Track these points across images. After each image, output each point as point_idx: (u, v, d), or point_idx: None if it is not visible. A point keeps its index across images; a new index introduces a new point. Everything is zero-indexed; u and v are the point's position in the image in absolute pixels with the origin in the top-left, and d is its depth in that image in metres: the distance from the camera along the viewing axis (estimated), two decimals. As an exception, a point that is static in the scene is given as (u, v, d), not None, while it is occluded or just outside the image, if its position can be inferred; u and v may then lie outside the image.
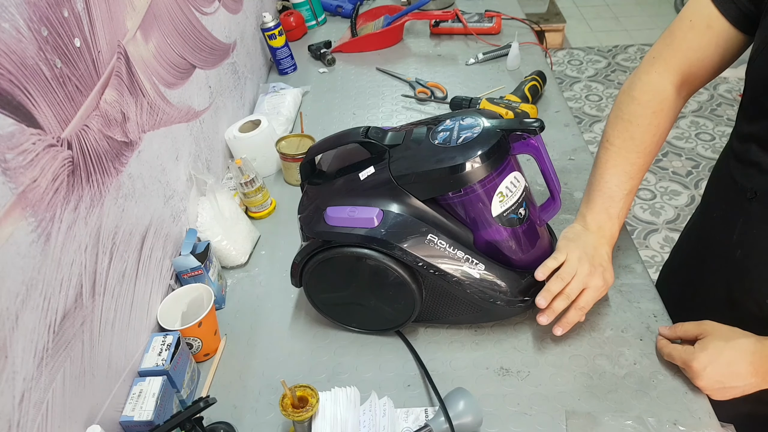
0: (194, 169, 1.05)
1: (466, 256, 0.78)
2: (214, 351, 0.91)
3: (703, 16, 0.77)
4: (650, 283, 0.90)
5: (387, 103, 1.43)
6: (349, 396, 0.75)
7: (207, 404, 0.71)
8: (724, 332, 0.73)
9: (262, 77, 1.59)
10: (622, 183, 0.83)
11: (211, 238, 1.00)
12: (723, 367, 0.71)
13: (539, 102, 1.34)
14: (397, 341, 0.88)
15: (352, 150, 0.85)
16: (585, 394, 0.78)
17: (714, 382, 0.72)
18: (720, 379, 0.72)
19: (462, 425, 0.72)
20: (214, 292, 0.92)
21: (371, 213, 0.77)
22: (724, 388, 0.72)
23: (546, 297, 0.78)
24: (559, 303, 0.79)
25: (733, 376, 0.71)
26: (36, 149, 0.62)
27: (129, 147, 0.82)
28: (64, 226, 0.66)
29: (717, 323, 0.75)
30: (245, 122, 1.23)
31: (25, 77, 0.60)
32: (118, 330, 0.78)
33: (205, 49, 1.16)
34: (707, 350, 0.72)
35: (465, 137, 0.76)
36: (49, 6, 0.65)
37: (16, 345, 0.58)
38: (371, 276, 0.80)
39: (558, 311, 0.79)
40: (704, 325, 0.75)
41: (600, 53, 3.34)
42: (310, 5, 1.77)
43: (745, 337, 0.72)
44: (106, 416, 0.73)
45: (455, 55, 1.57)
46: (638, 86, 0.84)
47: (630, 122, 0.83)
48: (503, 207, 0.77)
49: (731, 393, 0.72)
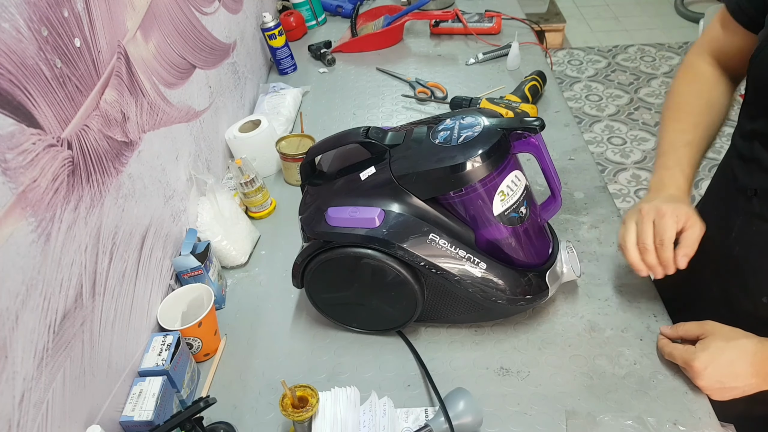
0: (194, 169, 1.05)
1: (467, 255, 0.78)
2: (214, 351, 0.91)
3: (724, 16, 0.87)
4: (650, 283, 0.90)
5: (387, 103, 1.43)
6: (349, 396, 0.75)
7: (207, 404, 0.71)
8: (725, 333, 0.73)
9: (262, 77, 1.59)
10: (675, 139, 0.85)
11: (211, 238, 1.00)
12: (724, 367, 0.71)
13: (539, 102, 1.34)
14: (397, 341, 0.88)
15: (352, 150, 0.85)
16: (585, 394, 0.78)
17: (714, 381, 0.72)
18: (720, 379, 0.72)
19: (462, 425, 0.72)
20: (214, 292, 0.92)
21: (373, 213, 0.77)
22: (724, 388, 0.72)
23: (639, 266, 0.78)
24: (653, 257, 0.77)
25: (734, 377, 0.71)
26: (36, 149, 0.62)
27: (129, 147, 0.82)
28: (64, 226, 0.66)
29: (719, 324, 0.75)
30: (245, 122, 1.23)
31: (25, 77, 0.60)
32: (118, 330, 0.78)
33: (205, 49, 1.16)
34: (708, 350, 0.72)
35: (465, 136, 0.76)
36: (49, 6, 0.65)
37: (16, 345, 0.58)
38: (373, 276, 0.80)
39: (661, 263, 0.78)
40: (706, 325, 0.76)
41: (600, 53, 3.34)
42: (310, 5, 1.77)
43: (747, 338, 0.72)
44: (106, 416, 0.73)
45: (455, 55, 1.57)
46: (680, 66, 0.94)
47: (672, 92, 0.92)
48: (504, 206, 0.77)
49: (731, 393, 0.72)
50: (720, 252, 0.85)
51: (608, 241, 0.98)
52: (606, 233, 1.00)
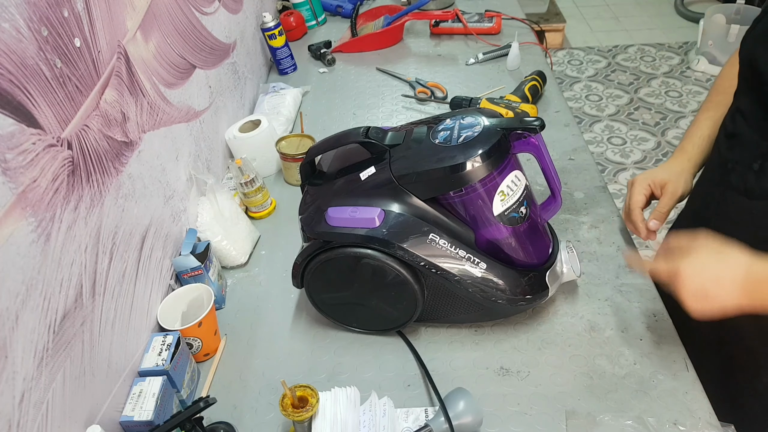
0: (194, 169, 1.05)
1: (467, 255, 0.78)
2: (214, 351, 0.91)
3: None
4: (650, 283, 0.90)
5: (387, 103, 1.43)
6: (349, 396, 0.75)
7: (207, 404, 0.71)
8: (718, 243, 0.71)
9: (262, 77, 1.58)
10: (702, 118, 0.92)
11: (211, 238, 1.00)
12: (712, 275, 0.68)
13: (539, 102, 1.34)
14: (398, 341, 0.88)
15: (352, 150, 0.85)
16: (585, 394, 0.78)
17: (699, 288, 0.69)
18: (706, 285, 0.69)
19: (462, 425, 0.72)
20: (214, 292, 0.92)
21: (373, 213, 0.77)
22: (707, 298, 0.69)
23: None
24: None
25: (720, 287, 0.68)
26: (36, 149, 0.62)
27: (129, 147, 0.82)
28: (64, 226, 0.66)
29: (711, 235, 0.72)
30: (245, 122, 1.23)
31: (25, 77, 0.60)
32: (118, 330, 0.78)
33: (205, 49, 1.16)
34: (700, 257, 0.70)
35: (465, 136, 0.76)
36: (49, 6, 0.65)
37: (16, 345, 0.58)
38: (373, 276, 0.80)
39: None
40: (699, 235, 0.73)
41: (600, 53, 3.34)
42: (310, 5, 1.77)
43: (740, 251, 0.69)
44: (106, 416, 0.73)
45: (455, 55, 1.57)
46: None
47: (718, 75, 0.95)
48: (504, 206, 0.77)
49: (712, 305, 0.69)
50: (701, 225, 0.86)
51: (608, 241, 0.98)
52: (606, 233, 1.00)
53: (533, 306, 0.85)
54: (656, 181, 0.91)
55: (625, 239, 0.98)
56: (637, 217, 0.91)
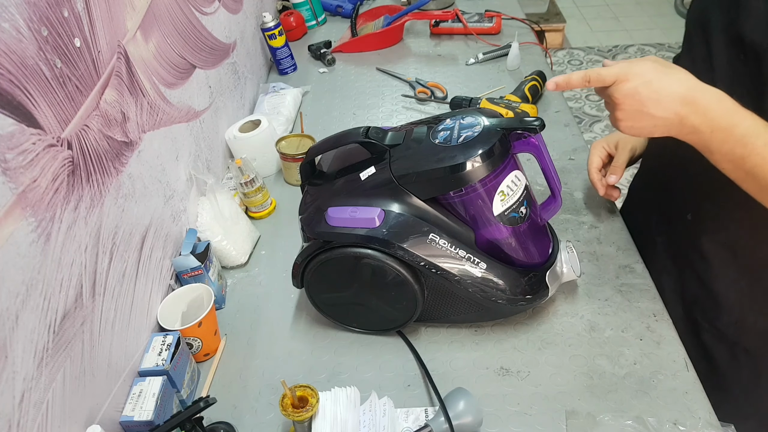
0: (194, 169, 1.05)
1: (467, 255, 0.78)
2: (214, 351, 0.91)
3: None
4: (650, 283, 0.90)
5: (387, 103, 1.43)
6: (349, 396, 0.75)
7: (207, 404, 0.71)
8: (665, 63, 0.68)
9: (262, 77, 1.59)
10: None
11: (211, 238, 1.00)
12: (652, 88, 0.66)
13: (539, 102, 1.34)
14: (398, 341, 0.88)
15: (352, 150, 0.85)
16: (585, 394, 0.78)
17: (635, 101, 0.66)
18: (642, 100, 0.66)
19: (462, 425, 0.72)
20: (214, 292, 0.92)
21: (373, 213, 0.77)
22: (642, 113, 0.67)
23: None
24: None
25: (658, 103, 0.66)
26: (36, 149, 0.62)
27: (129, 147, 0.82)
28: (64, 226, 0.66)
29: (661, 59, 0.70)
30: (245, 122, 1.23)
31: (25, 77, 0.60)
32: (118, 330, 0.78)
33: (205, 49, 1.16)
34: (643, 68, 0.67)
35: (465, 136, 0.76)
36: (49, 6, 0.65)
37: (16, 345, 0.58)
38: (373, 276, 0.80)
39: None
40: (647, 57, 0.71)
41: (600, 53, 3.34)
42: (310, 5, 1.77)
43: (685, 72, 0.67)
44: (106, 416, 0.73)
45: (455, 55, 1.57)
46: None
47: None
48: (504, 206, 0.77)
49: (645, 123, 0.67)
50: (659, 177, 0.92)
51: (608, 241, 0.98)
52: (606, 233, 1.00)
53: (533, 306, 0.85)
54: (609, 142, 0.99)
55: (625, 239, 0.98)
56: (594, 176, 0.98)
